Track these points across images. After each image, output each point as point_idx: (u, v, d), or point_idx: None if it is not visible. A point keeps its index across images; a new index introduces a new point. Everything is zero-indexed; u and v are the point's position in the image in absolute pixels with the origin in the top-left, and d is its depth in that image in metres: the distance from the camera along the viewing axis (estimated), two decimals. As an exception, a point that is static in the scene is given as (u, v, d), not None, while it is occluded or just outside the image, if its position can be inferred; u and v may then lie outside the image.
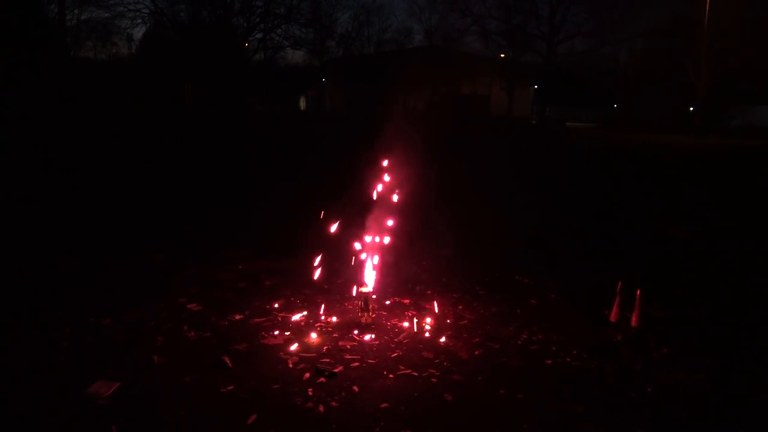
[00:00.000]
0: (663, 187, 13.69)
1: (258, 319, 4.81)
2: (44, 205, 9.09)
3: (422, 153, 5.67)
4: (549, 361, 4.10)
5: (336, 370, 3.87)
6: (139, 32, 55.30)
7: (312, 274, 5.43)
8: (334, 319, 4.85)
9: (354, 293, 5.12)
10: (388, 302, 5.23)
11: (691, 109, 51.04)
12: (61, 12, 35.36)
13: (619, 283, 4.93)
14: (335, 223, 5.22)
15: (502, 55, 58.70)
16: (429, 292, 5.59)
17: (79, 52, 49.34)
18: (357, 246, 5.24)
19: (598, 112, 65.18)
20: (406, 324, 4.76)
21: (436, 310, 5.04)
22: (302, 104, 70.56)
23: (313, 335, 4.48)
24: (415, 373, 3.87)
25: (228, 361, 3.94)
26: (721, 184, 14.91)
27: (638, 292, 4.74)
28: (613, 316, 4.89)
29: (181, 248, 6.96)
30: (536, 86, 62.87)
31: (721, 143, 31.28)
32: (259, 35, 53.09)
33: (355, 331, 4.55)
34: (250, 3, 49.93)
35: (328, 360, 4.04)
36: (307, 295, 5.46)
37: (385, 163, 5.78)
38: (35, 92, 27.53)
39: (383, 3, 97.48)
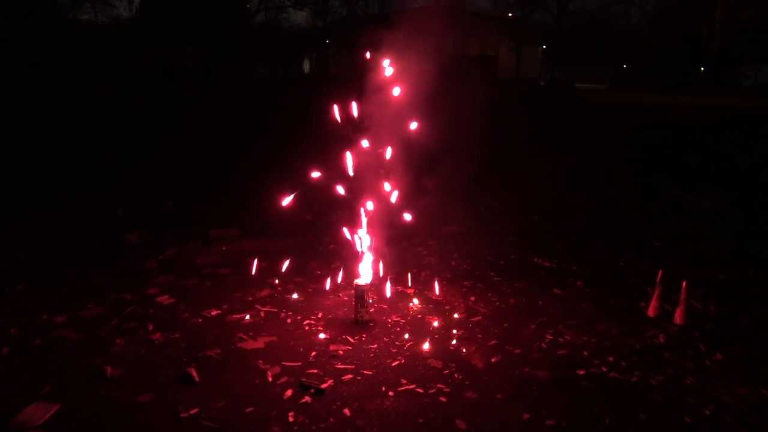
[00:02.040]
0: (678, 153, 12.83)
1: (237, 315, 4.13)
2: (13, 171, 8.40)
3: (426, 114, 4.88)
4: (581, 372, 3.40)
5: (324, 386, 3.19)
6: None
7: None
8: (326, 315, 4.16)
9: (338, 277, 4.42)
10: (388, 293, 4.52)
11: (702, 69, 49.66)
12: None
13: (660, 271, 4.20)
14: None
15: (510, 15, 56.99)
16: (436, 279, 4.88)
17: (77, 15, 48.18)
18: (354, 228, 4.49)
19: (608, 73, 63.56)
20: (409, 320, 4.08)
21: (445, 302, 4.36)
22: (306, 67, 69.11)
23: (300, 336, 3.81)
24: (420, 390, 3.19)
25: (194, 375, 3.26)
26: (740, 149, 14.00)
27: (684, 285, 4.01)
28: (652, 310, 4.19)
29: (161, 226, 6.26)
30: (544, 47, 61.23)
31: (737, 104, 30.12)
32: (260, -5, 51.56)
33: (349, 336, 3.86)
34: (250, -39, 48.30)
35: (315, 371, 3.36)
36: (297, 283, 4.77)
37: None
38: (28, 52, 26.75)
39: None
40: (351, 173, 4.16)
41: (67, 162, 9.54)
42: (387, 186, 4.25)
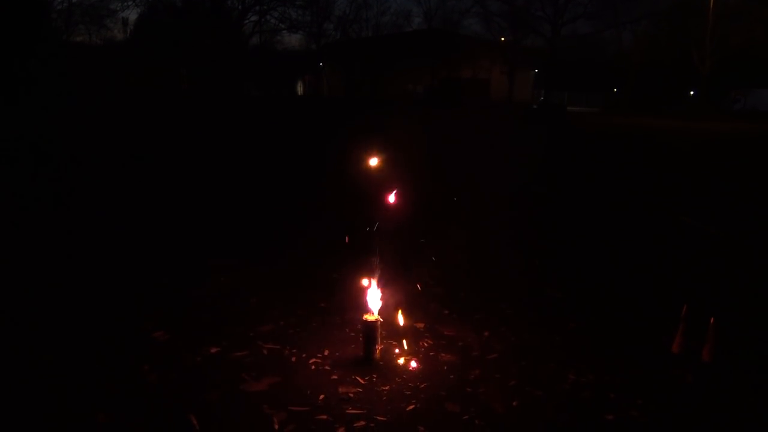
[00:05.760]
0: (674, 177, 12.72)
1: (238, 353, 3.88)
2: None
3: (424, 139, 4.69)
4: (610, 417, 3.17)
5: (336, 436, 2.95)
6: (133, 15, 54.22)
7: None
8: (333, 352, 3.92)
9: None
10: (398, 327, 4.29)
11: (691, 93, 50.19)
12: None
13: (684, 306, 4.00)
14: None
15: (503, 39, 57.51)
16: (446, 312, 4.66)
17: (71, 36, 48.11)
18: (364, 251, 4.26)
19: (599, 96, 64.08)
20: (421, 358, 3.84)
21: (457, 337, 4.13)
22: (299, 89, 69.38)
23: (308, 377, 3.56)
24: (440, 439, 2.95)
25: (194, 422, 3.01)
26: (738, 172, 13.92)
27: (712, 321, 3.81)
28: (676, 347, 3.97)
29: (155, 256, 6.02)
30: (537, 70, 61.76)
31: (732, 128, 30.28)
32: (255, 18, 51.82)
33: (358, 376, 3.61)
34: (245, -16, 48.59)
35: (324, 417, 3.12)
36: (300, 316, 4.52)
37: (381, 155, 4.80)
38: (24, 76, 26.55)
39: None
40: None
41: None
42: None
